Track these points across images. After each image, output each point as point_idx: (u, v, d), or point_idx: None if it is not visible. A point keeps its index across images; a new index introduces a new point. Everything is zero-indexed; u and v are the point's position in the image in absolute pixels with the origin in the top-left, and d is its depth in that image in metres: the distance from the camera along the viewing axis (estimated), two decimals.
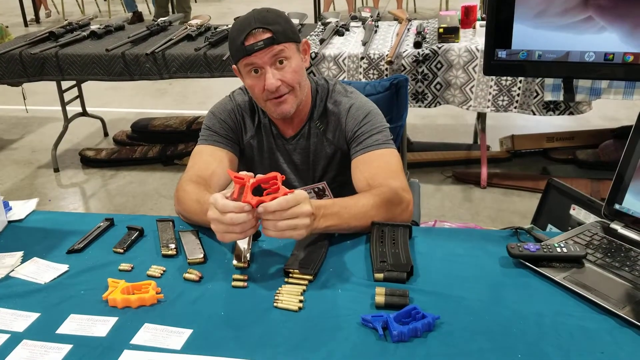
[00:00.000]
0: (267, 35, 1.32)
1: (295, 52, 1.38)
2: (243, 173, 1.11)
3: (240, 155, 1.55)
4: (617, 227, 1.24)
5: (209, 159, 1.45)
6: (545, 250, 1.14)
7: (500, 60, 1.40)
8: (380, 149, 1.42)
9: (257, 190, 1.10)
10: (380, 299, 1.04)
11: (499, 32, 1.37)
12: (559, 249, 1.14)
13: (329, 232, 1.24)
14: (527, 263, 1.14)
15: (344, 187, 1.51)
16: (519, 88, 2.81)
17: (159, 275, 1.17)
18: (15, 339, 1.00)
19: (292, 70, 1.37)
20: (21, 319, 1.05)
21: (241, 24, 1.35)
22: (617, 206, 1.24)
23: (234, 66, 1.43)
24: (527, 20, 1.33)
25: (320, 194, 1.54)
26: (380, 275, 1.11)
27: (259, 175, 1.10)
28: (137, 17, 7.03)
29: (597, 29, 1.27)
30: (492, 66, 1.43)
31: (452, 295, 1.07)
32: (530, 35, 1.34)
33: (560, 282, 1.08)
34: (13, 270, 1.20)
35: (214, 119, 1.50)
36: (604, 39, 1.28)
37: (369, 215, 1.24)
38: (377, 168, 1.38)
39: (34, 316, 1.06)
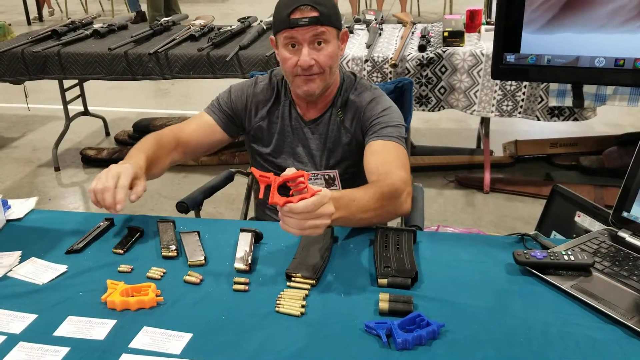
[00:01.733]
0: (314, 14, 1.35)
1: (334, 37, 1.42)
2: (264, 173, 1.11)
3: (250, 136, 1.60)
4: (624, 235, 1.22)
5: (195, 122, 1.54)
6: (552, 257, 1.12)
7: (508, 64, 1.39)
8: (393, 142, 1.44)
9: (278, 187, 1.09)
10: (384, 305, 1.02)
11: (508, 36, 1.36)
12: (566, 257, 1.12)
13: (336, 225, 1.23)
14: (533, 270, 1.12)
15: (355, 178, 1.52)
16: (524, 93, 2.80)
17: (159, 277, 1.15)
18: (11, 340, 0.99)
19: (328, 54, 1.40)
20: (18, 321, 1.04)
21: None
22: (624, 214, 1.22)
23: (271, 37, 1.48)
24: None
25: (330, 182, 1.54)
26: (384, 281, 1.10)
27: (284, 174, 1.09)
28: (141, 17, 7.03)
29: None
30: (501, 70, 1.41)
31: (457, 302, 1.05)
32: (540, 40, 1.33)
33: (567, 291, 1.06)
34: (11, 270, 1.19)
35: (226, 95, 1.57)
36: None
37: (373, 208, 1.24)
38: (388, 156, 1.41)
39: (31, 317, 1.04)
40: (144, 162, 1.34)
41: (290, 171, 1.08)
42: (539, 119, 2.85)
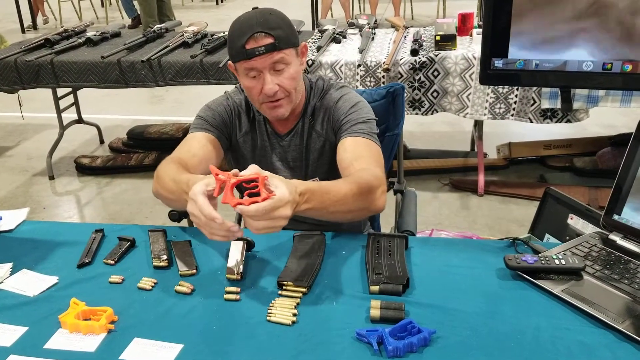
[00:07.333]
0: (269, 40, 1.31)
1: (294, 57, 1.39)
2: (226, 172, 1.09)
3: (233, 152, 1.56)
4: (616, 238, 1.22)
5: (195, 143, 1.44)
6: (543, 262, 1.12)
7: (496, 69, 1.39)
8: (364, 138, 1.41)
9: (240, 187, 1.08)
10: (375, 312, 1.02)
11: (496, 41, 1.36)
12: (557, 261, 1.12)
13: (307, 216, 1.18)
14: (524, 275, 1.12)
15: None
16: (516, 96, 2.80)
17: (150, 287, 1.15)
18: (2, 353, 0.98)
19: (290, 77, 1.37)
20: (9, 333, 1.03)
21: (242, 25, 1.34)
22: (616, 217, 1.23)
23: (230, 63, 1.43)
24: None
25: None
26: (375, 288, 1.09)
27: (242, 174, 1.07)
28: (138, 21, 7.05)
29: None
30: (489, 75, 1.42)
31: (449, 308, 1.05)
32: (527, 45, 1.33)
33: (558, 295, 1.06)
34: (2, 282, 1.18)
35: (208, 111, 1.50)
36: None
37: (347, 202, 1.21)
38: (361, 153, 1.38)
39: (21, 330, 1.04)
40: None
41: (249, 171, 1.07)
42: (531, 122, 2.85)
